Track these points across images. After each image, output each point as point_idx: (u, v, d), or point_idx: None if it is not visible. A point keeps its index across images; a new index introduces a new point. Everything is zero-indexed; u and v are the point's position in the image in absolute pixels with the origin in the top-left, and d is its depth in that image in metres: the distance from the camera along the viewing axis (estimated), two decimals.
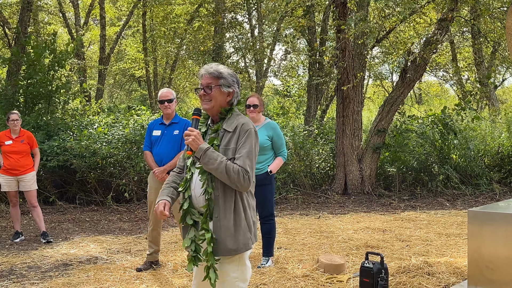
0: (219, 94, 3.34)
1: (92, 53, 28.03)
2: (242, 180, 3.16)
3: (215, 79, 3.33)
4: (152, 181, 6.41)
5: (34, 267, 6.73)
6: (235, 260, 3.29)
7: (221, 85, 3.33)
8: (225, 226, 3.22)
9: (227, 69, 3.39)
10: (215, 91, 3.32)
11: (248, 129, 3.27)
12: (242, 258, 3.32)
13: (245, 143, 3.24)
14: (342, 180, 12.85)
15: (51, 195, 11.29)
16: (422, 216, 10.03)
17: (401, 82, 12.86)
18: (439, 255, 6.78)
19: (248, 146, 3.23)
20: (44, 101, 12.44)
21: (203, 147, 3.20)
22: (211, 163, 3.17)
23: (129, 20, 22.75)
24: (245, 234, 3.26)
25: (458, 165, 12.63)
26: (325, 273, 5.93)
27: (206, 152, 3.19)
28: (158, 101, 6.48)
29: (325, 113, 18.17)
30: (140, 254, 7.29)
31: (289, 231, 8.69)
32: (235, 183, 3.17)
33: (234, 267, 3.30)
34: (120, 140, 11.44)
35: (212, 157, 3.17)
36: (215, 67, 3.37)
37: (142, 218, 10.30)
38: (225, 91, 3.35)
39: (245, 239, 3.27)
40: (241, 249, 3.26)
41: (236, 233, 3.24)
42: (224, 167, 3.14)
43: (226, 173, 3.14)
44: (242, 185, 3.18)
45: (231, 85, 3.35)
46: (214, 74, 3.33)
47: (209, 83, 3.33)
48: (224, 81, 3.34)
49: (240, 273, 3.32)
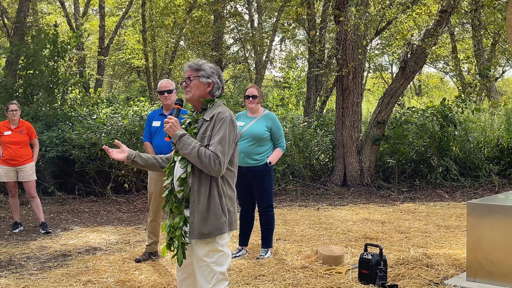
0: (198, 85, 3.53)
1: (91, 43, 27.92)
2: (213, 165, 3.29)
3: (194, 71, 3.55)
4: (152, 172, 6.40)
5: (33, 257, 6.73)
6: (210, 245, 3.41)
7: (200, 76, 3.52)
8: (199, 210, 3.38)
9: (208, 63, 3.60)
10: (194, 81, 3.52)
11: (224, 117, 3.42)
12: (217, 243, 3.42)
13: (219, 130, 3.38)
14: (341, 172, 12.85)
15: (50, 185, 11.28)
16: (421, 208, 10.04)
17: (401, 74, 12.83)
18: (438, 246, 6.79)
19: (221, 133, 3.37)
20: (44, 91, 12.41)
21: (178, 133, 3.41)
22: (185, 148, 3.35)
23: (128, 10, 22.64)
24: (218, 219, 3.39)
25: (457, 157, 12.63)
26: (324, 265, 5.94)
27: (181, 138, 3.38)
28: (158, 92, 6.46)
29: (324, 104, 18.15)
30: (139, 245, 7.29)
31: (288, 223, 8.70)
32: (207, 167, 3.31)
33: (210, 252, 3.42)
34: (119, 131, 11.42)
35: (186, 143, 3.36)
36: (195, 61, 3.61)
37: (141, 209, 10.31)
38: (205, 81, 3.54)
39: (218, 224, 3.39)
40: (213, 233, 3.38)
41: (209, 217, 3.38)
42: (196, 151, 3.31)
43: (198, 157, 3.30)
44: (213, 169, 3.31)
45: (210, 76, 3.54)
46: (193, 66, 3.56)
47: (189, 75, 3.55)
48: (203, 72, 3.54)
49: (217, 258, 3.43)
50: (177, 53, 22.68)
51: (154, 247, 6.48)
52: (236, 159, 3.54)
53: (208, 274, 3.42)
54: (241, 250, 6.52)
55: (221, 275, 3.44)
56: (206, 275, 3.42)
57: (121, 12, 23.80)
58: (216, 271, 3.42)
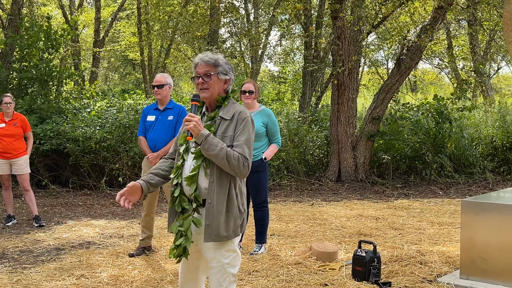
0: (217, 82, 3.36)
1: (86, 35, 27.80)
2: (242, 167, 3.21)
3: (212, 66, 3.34)
4: (146, 167, 6.39)
5: (26, 251, 6.71)
6: (226, 246, 3.32)
7: (219, 73, 3.35)
8: (219, 211, 3.25)
9: (222, 56, 3.41)
10: (213, 79, 3.34)
11: (246, 117, 3.31)
12: (232, 243, 3.35)
13: (243, 131, 3.28)
14: (336, 167, 12.85)
15: (44, 178, 11.24)
16: (415, 204, 10.05)
17: (397, 70, 12.83)
18: (431, 244, 6.80)
19: (246, 134, 3.27)
20: (38, 84, 12.35)
21: (204, 133, 3.22)
22: (211, 149, 3.19)
23: (124, 3, 22.56)
24: (236, 220, 3.30)
25: (452, 153, 12.65)
26: (318, 261, 5.94)
27: (207, 138, 3.21)
28: (151, 85, 6.44)
29: (320, 99, 18.13)
30: (133, 239, 7.28)
31: (283, 218, 8.70)
32: (234, 169, 3.21)
33: (226, 253, 3.32)
34: (114, 125, 11.38)
35: (213, 143, 3.20)
36: (210, 55, 3.38)
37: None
38: (223, 78, 3.37)
39: (236, 226, 3.31)
40: (231, 236, 3.30)
41: (228, 220, 3.28)
42: (225, 153, 3.18)
43: (227, 159, 3.18)
44: (241, 172, 3.23)
45: (228, 72, 3.39)
46: (211, 62, 3.35)
47: (207, 71, 3.34)
48: (221, 68, 3.36)
49: (231, 259, 3.35)
50: (172, 46, 22.60)
51: (147, 241, 6.46)
52: None
53: (221, 276, 3.32)
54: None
55: (233, 276, 3.36)
56: (219, 277, 3.32)
57: (117, 4, 23.70)
58: (230, 272, 3.33)
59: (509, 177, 12.47)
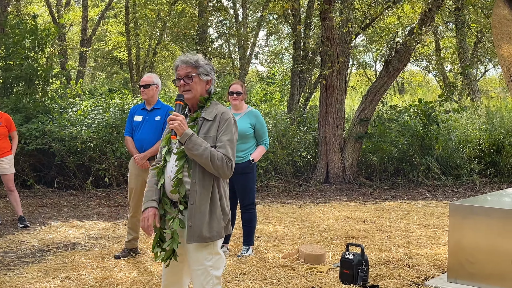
0: (198, 83, 3.36)
1: (73, 34, 27.61)
2: (226, 168, 3.21)
3: (193, 68, 3.36)
4: (132, 168, 6.32)
5: (10, 252, 6.62)
6: (208, 248, 3.30)
7: (200, 74, 3.36)
8: (201, 213, 3.25)
9: (202, 57, 3.42)
10: (195, 80, 3.35)
11: (228, 118, 3.32)
12: (216, 246, 3.33)
13: (226, 131, 3.28)
14: (324, 169, 12.84)
15: (29, 178, 11.12)
16: (403, 206, 10.05)
17: (385, 72, 12.85)
18: (419, 246, 6.79)
19: (229, 135, 3.28)
20: (24, 83, 12.21)
21: (188, 132, 3.22)
22: (195, 149, 3.19)
23: (112, 2, 22.42)
24: (219, 222, 3.29)
25: (439, 156, 12.68)
26: (305, 263, 5.91)
27: (191, 138, 3.20)
28: (138, 85, 6.39)
29: (308, 101, 18.11)
30: (119, 240, 7.20)
31: (270, 220, 8.66)
32: (218, 170, 3.21)
33: (208, 255, 3.31)
34: (100, 124, 11.28)
35: (197, 143, 3.19)
36: (190, 57, 3.39)
37: (121, 204, 10.20)
38: (204, 79, 3.38)
39: (219, 227, 3.30)
40: (214, 237, 3.28)
41: (211, 221, 3.27)
42: (209, 153, 3.18)
43: (211, 159, 3.18)
44: (225, 172, 3.23)
45: (209, 73, 3.40)
46: (191, 63, 3.36)
47: (188, 72, 3.35)
48: (202, 69, 3.37)
49: (214, 261, 3.33)
50: (160, 45, 22.50)
51: (133, 243, 6.40)
52: None
53: (204, 278, 3.30)
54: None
55: (216, 279, 3.33)
56: (202, 280, 3.30)
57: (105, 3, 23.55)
58: (213, 275, 3.31)
59: (496, 180, 12.52)
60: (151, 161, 6.15)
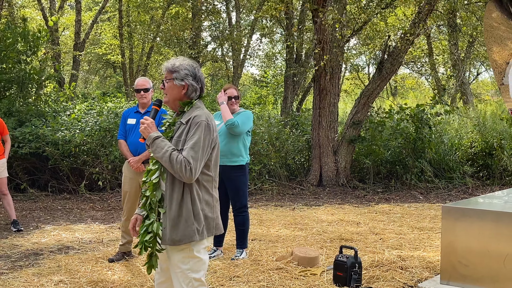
0: (172, 88, 3.45)
1: (67, 38, 27.57)
2: (184, 171, 3.21)
3: (169, 73, 3.46)
4: (127, 171, 6.33)
5: (3, 256, 6.60)
6: (184, 251, 3.34)
7: (174, 79, 3.43)
8: (170, 216, 3.32)
9: (184, 62, 3.47)
10: (168, 84, 3.46)
11: (199, 121, 3.34)
12: (192, 250, 3.35)
13: (193, 135, 3.31)
14: (317, 172, 12.87)
15: (23, 182, 11.10)
16: (396, 209, 10.09)
17: (378, 75, 12.90)
18: (412, 249, 6.83)
19: (195, 138, 3.29)
20: (17, 86, 12.19)
21: (152, 135, 3.35)
22: (157, 152, 3.29)
23: (105, 5, 22.41)
24: (189, 226, 3.30)
25: (432, 158, 12.74)
26: (299, 266, 5.93)
27: (155, 141, 3.32)
28: (135, 90, 6.39)
29: (301, 104, 18.17)
30: (113, 244, 7.20)
31: (264, 223, 8.68)
32: (178, 173, 3.24)
33: (185, 259, 3.35)
34: (94, 128, 11.28)
35: (159, 146, 3.29)
36: (172, 61, 3.49)
37: (115, 207, 10.19)
38: (178, 84, 3.43)
39: (189, 231, 3.30)
40: (183, 240, 3.30)
41: (180, 224, 3.30)
42: (168, 155, 3.24)
43: (170, 162, 3.23)
44: (184, 175, 3.23)
45: (184, 78, 3.43)
46: (169, 68, 3.46)
47: (165, 77, 3.47)
48: (176, 74, 3.43)
49: (192, 264, 3.36)
50: (154, 49, 22.52)
51: (128, 246, 6.40)
52: (214, 163, 3.46)
53: (183, 280, 3.35)
54: (215, 250, 6.48)
55: (196, 281, 3.37)
56: (182, 282, 3.36)
57: (98, 7, 23.53)
58: (192, 277, 3.35)
59: (489, 182, 12.59)
60: (145, 164, 6.16)
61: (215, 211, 3.47)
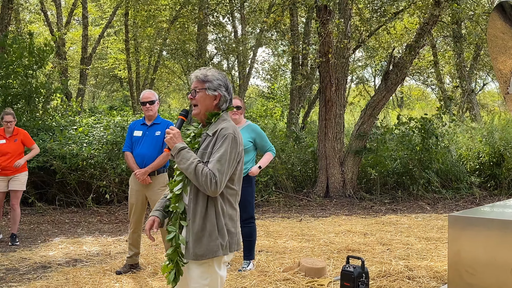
0: (204, 98, 3.35)
1: (74, 53, 27.79)
2: (209, 184, 3.11)
3: (201, 82, 3.35)
4: (133, 183, 6.35)
5: (12, 269, 6.63)
6: (205, 266, 3.23)
7: (206, 89, 3.34)
8: (193, 230, 3.20)
9: (216, 73, 3.39)
10: (200, 94, 3.35)
11: (226, 134, 3.24)
12: (213, 265, 3.25)
13: (220, 147, 3.21)
14: (324, 183, 12.86)
15: (31, 196, 11.15)
16: (403, 219, 10.07)
17: (384, 86, 12.91)
18: (419, 259, 6.81)
19: (222, 151, 3.19)
20: (24, 101, 12.28)
21: (178, 145, 3.24)
22: (182, 163, 3.19)
23: (111, 20, 22.59)
24: (213, 240, 3.20)
25: (439, 169, 12.71)
26: (306, 277, 5.92)
27: (181, 151, 3.21)
28: (140, 102, 6.44)
29: (307, 116, 18.19)
30: (120, 256, 7.22)
31: (271, 234, 8.67)
32: (203, 185, 3.13)
33: (204, 274, 3.24)
34: (101, 141, 11.34)
35: (185, 157, 3.19)
36: (203, 71, 3.39)
37: (122, 220, 10.22)
38: (211, 94, 3.35)
39: (213, 246, 3.20)
40: (207, 255, 3.19)
41: (204, 238, 3.19)
42: (194, 167, 3.14)
43: (195, 174, 3.13)
44: (209, 188, 3.12)
45: (217, 88, 3.35)
46: (200, 78, 3.36)
47: (195, 87, 3.36)
48: (209, 84, 3.34)
49: (211, 280, 3.25)
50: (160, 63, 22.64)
51: (135, 259, 6.42)
52: (239, 177, 3.36)
53: None
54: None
55: None
56: None
57: (105, 21, 23.72)
58: None
59: (496, 192, 12.54)
60: (152, 176, 6.20)
61: (237, 226, 3.36)
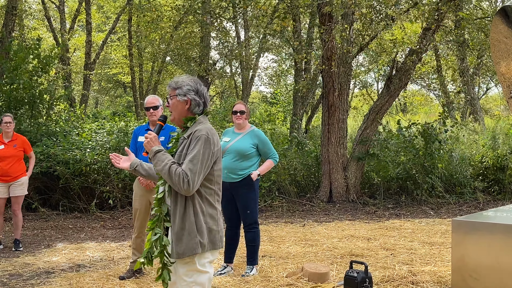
0: (176, 104, 3.54)
1: (78, 58, 27.87)
2: (182, 183, 3.26)
3: (172, 90, 3.56)
4: (137, 188, 6.37)
5: (15, 274, 6.64)
6: (188, 264, 3.37)
7: (176, 95, 3.52)
8: (174, 230, 3.37)
9: (186, 79, 3.57)
10: (173, 101, 3.55)
11: (199, 135, 3.39)
12: (195, 262, 3.37)
13: (193, 148, 3.36)
14: (327, 188, 12.86)
15: (34, 201, 11.17)
16: (407, 224, 10.05)
17: (386, 91, 12.91)
18: (423, 264, 6.79)
19: (195, 152, 3.34)
20: (28, 106, 12.32)
21: (154, 149, 3.42)
22: (158, 165, 3.36)
23: (115, 26, 22.66)
24: (192, 238, 3.33)
25: (442, 174, 12.70)
26: (310, 282, 5.92)
27: (156, 154, 3.39)
28: (145, 108, 6.46)
29: (310, 120, 18.20)
30: (124, 262, 7.22)
31: (274, 239, 8.66)
32: (176, 185, 3.28)
33: (188, 272, 3.38)
34: (104, 147, 11.36)
35: (160, 159, 3.36)
36: (175, 79, 3.60)
37: (126, 226, 10.22)
38: (181, 100, 3.52)
39: (192, 244, 3.33)
40: (186, 253, 3.33)
41: (183, 237, 3.33)
42: (167, 168, 3.30)
43: (169, 174, 3.29)
44: (182, 187, 3.27)
45: (186, 93, 3.52)
46: (172, 85, 3.58)
47: (169, 95, 3.56)
48: (179, 90, 3.53)
49: (196, 277, 3.38)
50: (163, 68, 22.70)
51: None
52: (217, 177, 3.48)
53: None
54: (226, 267, 6.48)
55: None
56: None
57: (108, 27, 23.81)
58: None
59: (500, 197, 12.52)
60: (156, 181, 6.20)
61: (219, 224, 3.49)
